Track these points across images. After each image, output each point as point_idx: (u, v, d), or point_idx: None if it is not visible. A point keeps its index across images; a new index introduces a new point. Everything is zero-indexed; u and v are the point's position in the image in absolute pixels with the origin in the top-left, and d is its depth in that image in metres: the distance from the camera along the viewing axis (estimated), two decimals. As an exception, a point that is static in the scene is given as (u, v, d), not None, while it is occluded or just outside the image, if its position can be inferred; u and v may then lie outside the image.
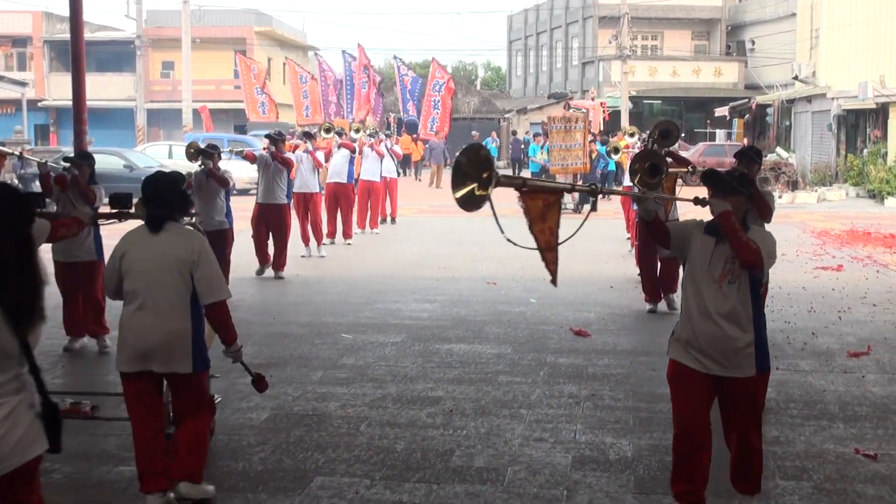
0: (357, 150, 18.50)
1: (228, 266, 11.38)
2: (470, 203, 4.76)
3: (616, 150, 14.93)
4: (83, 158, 9.07)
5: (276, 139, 13.36)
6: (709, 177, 5.03)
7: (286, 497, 5.40)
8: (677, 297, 10.53)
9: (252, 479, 5.67)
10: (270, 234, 13.33)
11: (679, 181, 10.24)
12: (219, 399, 6.47)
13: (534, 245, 5.26)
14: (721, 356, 4.88)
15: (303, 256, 15.01)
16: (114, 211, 6.17)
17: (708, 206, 4.97)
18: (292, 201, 14.30)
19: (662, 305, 11.00)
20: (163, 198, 5.29)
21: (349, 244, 16.82)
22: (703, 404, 5.00)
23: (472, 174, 4.75)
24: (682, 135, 9.21)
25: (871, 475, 5.77)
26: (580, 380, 7.89)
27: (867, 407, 7.18)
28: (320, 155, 16.28)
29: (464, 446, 6.24)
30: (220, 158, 11.81)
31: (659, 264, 10.95)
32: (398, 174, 21.47)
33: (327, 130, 18.71)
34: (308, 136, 16.71)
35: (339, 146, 17.43)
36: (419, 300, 11.50)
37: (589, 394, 7.48)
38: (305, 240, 15.33)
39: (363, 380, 7.88)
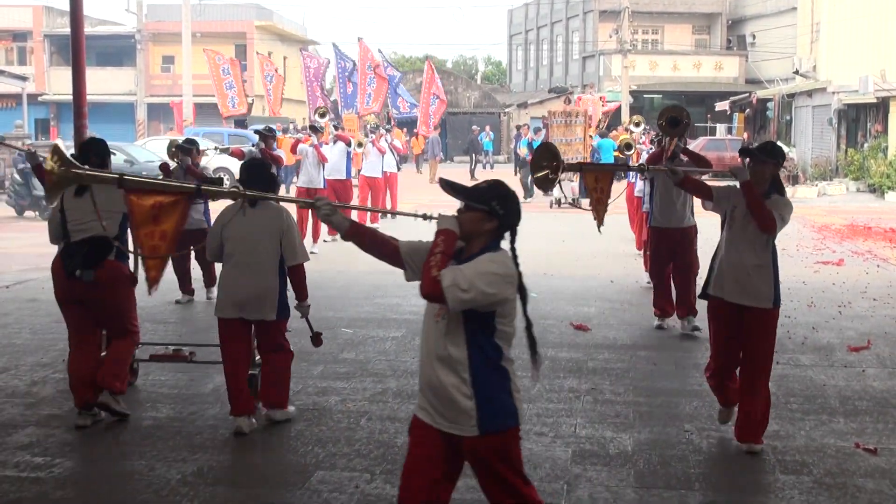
0: (353, 143, 18.40)
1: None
2: None
3: (629, 147, 14.55)
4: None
5: (266, 135, 13.01)
6: (446, 187, 4.16)
7: (287, 491, 5.41)
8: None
9: (253, 473, 5.68)
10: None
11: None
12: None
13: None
14: (440, 407, 3.98)
15: (312, 253, 14.91)
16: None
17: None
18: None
19: (673, 321, 9.80)
20: (258, 179, 6.35)
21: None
22: (429, 465, 4.04)
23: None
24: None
25: (871, 469, 5.77)
26: (580, 374, 7.89)
27: (867, 401, 7.18)
28: (326, 150, 16.13)
29: (464, 440, 6.23)
30: (199, 154, 11.33)
31: (672, 278, 9.73)
32: (398, 169, 21.44)
33: (322, 115, 18.44)
34: (315, 129, 16.45)
35: (336, 139, 17.22)
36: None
37: (589, 388, 7.48)
38: (314, 236, 15.14)
39: (363, 374, 7.88)
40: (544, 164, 6.99)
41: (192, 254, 10.89)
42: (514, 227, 4.09)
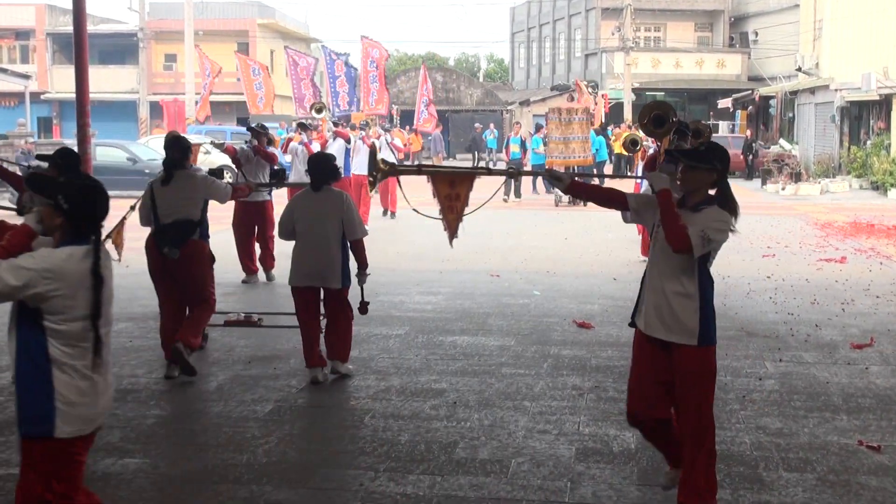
0: (352, 142, 18.19)
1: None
2: None
3: (634, 143, 14.06)
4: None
5: (259, 132, 12.50)
6: (29, 183, 4.33)
7: (290, 489, 5.41)
8: None
9: (256, 471, 5.69)
10: (256, 233, 12.41)
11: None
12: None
13: None
14: None
15: None
16: (273, 181, 10.26)
17: None
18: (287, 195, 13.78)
19: None
20: (323, 170, 7.62)
21: None
22: None
23: None
24: (678, 119, 7.79)
25: (874, 467, 5.77)
26: (584, 372, 7.90)
27: (871, 399, 7.18)
28: (316, 147, 15.81)
29: (467, 438, 6.24)
30: (192, 153, 10.72)
31: None
32: None
33: (318, 111, 17.84)
34: (303, 126, 15.65)
35: (335, 136, 16.95)
36: (422, 292, 11.51)
37: (592, 385, 7.49)
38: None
39: (367, 372, 7.89)
40: (380, 166, 6.84)
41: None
42: (91, 221, 4.03)
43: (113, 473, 5.65)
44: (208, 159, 25.91)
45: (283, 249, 13.88)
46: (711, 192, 4.97)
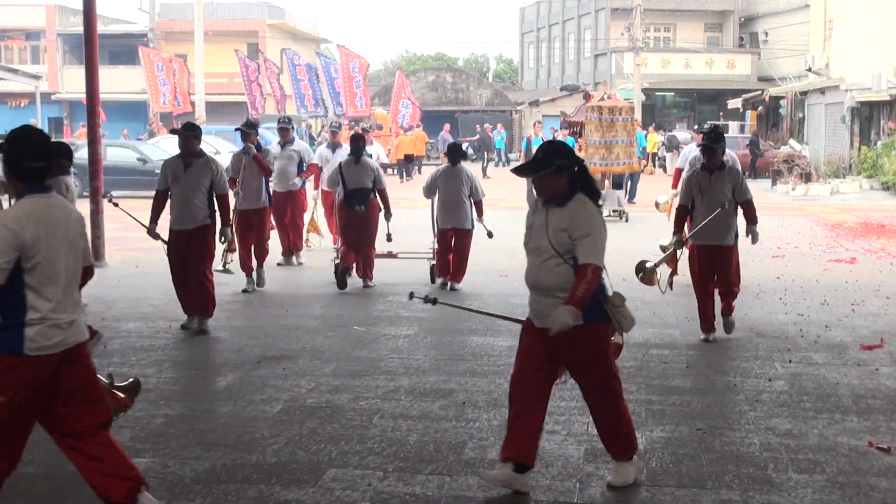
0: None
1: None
2: None
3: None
4: None
5: (187, 134, 9.54)
6: None
7: (299, 489, 5.42)
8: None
9: (265, 471, 5.69)
10: (187, 266, 9.53)
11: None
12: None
13: None
14: None
15: (244, 291, 11.71)
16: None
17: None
18: (235, 217, 11.39)
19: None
20: (458, 151, 11.84)
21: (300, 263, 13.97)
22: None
23: None
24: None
25: (884, 468, 5.75)
26: (592, 372, 7.87)
27: (881, 400, 7.16)
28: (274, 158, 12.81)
29: (476, 438, 6.24)
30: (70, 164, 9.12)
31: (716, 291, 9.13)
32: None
33: (249, 128, 12.69)
34: (245, 134, 12.11)
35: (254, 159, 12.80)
36: (431, 293, 11.49)
37: (601, 386, 7.46)
38: (260, 259, 12.00)
39: (376, 372, 7.89)
40: None
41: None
42: None
43: (122, 473, 5.66)
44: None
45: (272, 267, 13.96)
46: None
